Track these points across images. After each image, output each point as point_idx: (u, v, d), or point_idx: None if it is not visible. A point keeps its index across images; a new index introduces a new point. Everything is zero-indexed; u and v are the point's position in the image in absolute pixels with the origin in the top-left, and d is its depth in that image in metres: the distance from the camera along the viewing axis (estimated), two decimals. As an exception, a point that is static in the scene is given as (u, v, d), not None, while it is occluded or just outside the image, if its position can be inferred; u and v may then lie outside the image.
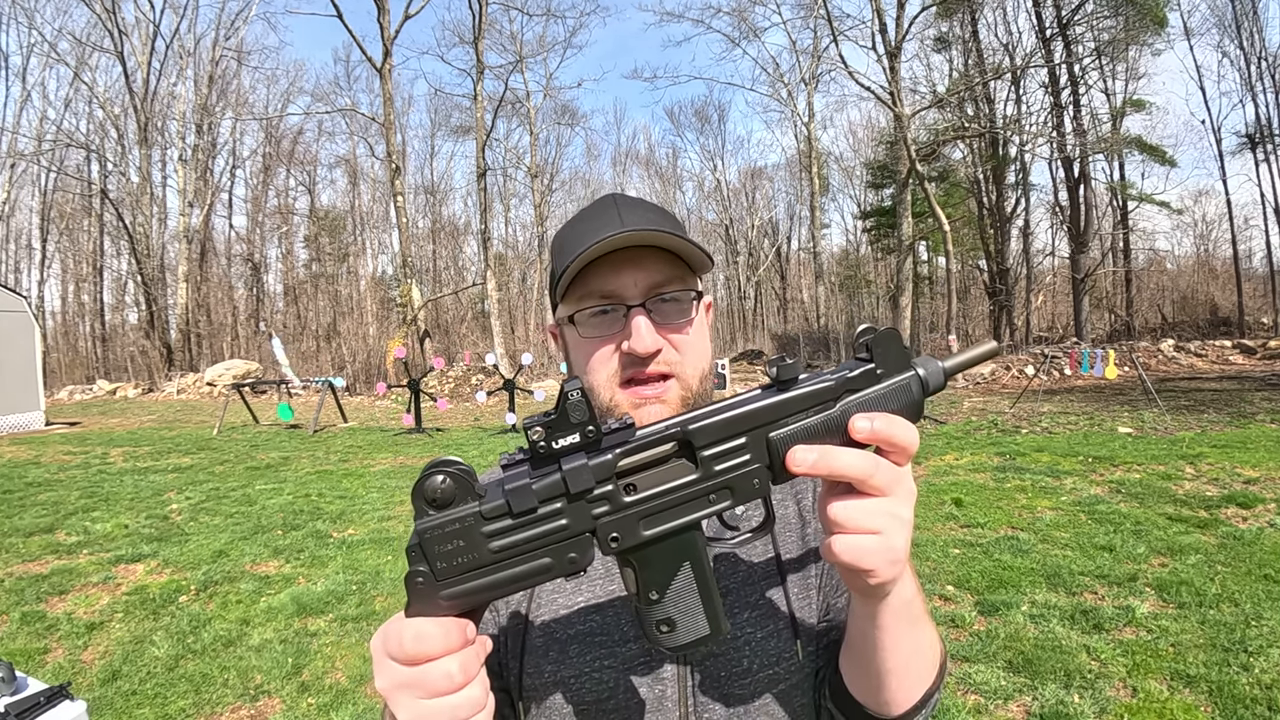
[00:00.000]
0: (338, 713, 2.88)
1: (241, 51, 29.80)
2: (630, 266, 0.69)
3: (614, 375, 0.70)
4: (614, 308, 0.70)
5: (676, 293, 0.70)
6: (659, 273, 0.70)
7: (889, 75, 18.57)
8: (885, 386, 0.49)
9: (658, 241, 0.68)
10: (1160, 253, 27.64)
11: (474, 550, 0.45)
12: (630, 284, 0.69)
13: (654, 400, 0.69)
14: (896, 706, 0.63)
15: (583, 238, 0.69)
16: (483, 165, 21.72)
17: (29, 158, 29.09)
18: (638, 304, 0.69)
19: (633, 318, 0.68)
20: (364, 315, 29.06)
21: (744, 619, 0.70)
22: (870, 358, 0.49)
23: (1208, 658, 2.97)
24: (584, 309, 0.71)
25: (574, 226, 0.74)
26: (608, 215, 0.72)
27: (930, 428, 9.89)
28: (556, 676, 0.70)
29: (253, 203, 33.42)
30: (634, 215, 0.71)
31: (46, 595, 4.24)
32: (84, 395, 22.32)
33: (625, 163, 40.99)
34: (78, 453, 10.11)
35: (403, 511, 6.09)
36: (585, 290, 0.70)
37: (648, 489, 0.48)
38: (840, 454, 0.47)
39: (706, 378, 0.73)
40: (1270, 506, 5.10)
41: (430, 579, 0.45)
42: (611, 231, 0.67)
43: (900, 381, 0.49)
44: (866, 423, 0.47)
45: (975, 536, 4.82)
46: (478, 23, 20.92)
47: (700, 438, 0.48)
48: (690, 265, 0.72)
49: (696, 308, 0.73)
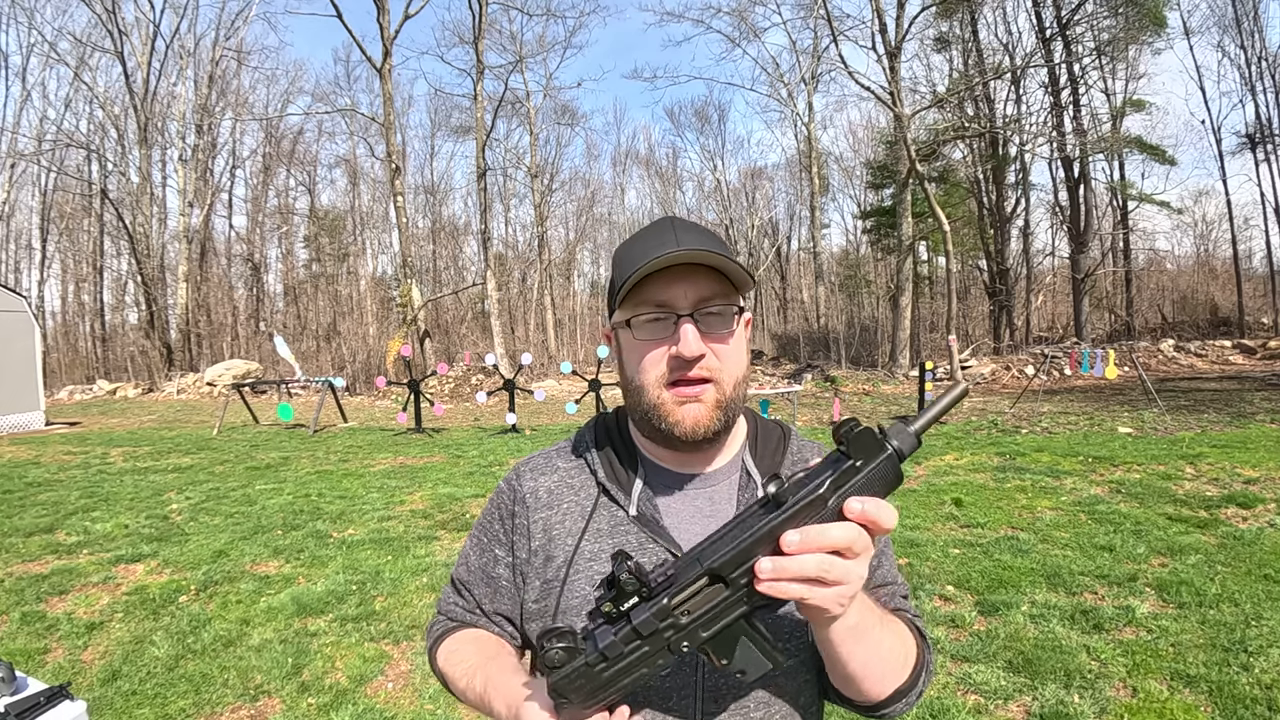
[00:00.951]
0: (338, 713, 2.88)
1: (241, 51, 29.80)
2: (682, 281, 0.78)
3: (662, 376, 0.79)
4: (666, 316, 0.79)
5: (721, 306, 0.79)
6: (707, 288, 0.79)
7: (889, 75, 18.56)
8: (864, 475, 0.60)
9: (707, 260, 0.77)
10: (1160, 253, 27.66)
11: (593, 683, 0.64)
12: (681, 296, 0.78)
13: (693, 400, 0.79)
14: (871, 696, 0.77)
15: (644, 253, 0.78)
16: (483, 165, 21.72)
17: (29, 158, 29.08)
18: (687, 314, 0.78)
19: (682, 325, 0.78)
20: (364, 315, 29.05)
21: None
22: (848, 452, 0.60)
23: (1208, 658, 2.97)
24: (640, 315, 0.80)
25: (634, 243, 0.83)
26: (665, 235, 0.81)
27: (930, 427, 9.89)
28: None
29: (253, 203, 33.42)
30: (688, 236, 0.80)
31: (46, 595, 4.24)
32: (84, 395, 22.32)
33: (625, 163, 40.98)
34: (78, 453, 10.11)
35: (402, 511, 6.09)
36: (641, 299, 0.80)
37: (698, 610, 0.63)
38: (830, 531, 0.59)
39: (741, 384, 0.82)
40: (1270, 506, 5.10)
41: (570, 705, 0.65)
42: (668, 249, 0.76)
43: (877, 466, 0.60)
44: (859, 505, 0.59)
45: (975, 536, 4.82)
46: (478, 23, 20.92)
47: (727, 570, 0.61)
48: (734, 283, 0.81)
49: (737, 321, 0.82)
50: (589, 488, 0.88)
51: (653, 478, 0.87)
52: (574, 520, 0.85)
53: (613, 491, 0.85)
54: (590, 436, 0.92)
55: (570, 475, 0.90)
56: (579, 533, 0.84)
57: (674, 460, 0.87)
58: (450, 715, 2.89)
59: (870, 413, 12.27)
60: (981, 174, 24.66)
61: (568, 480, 0.89)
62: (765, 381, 16.55)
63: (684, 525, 0.83)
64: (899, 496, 5.98)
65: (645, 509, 0.84)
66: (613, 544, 0.82)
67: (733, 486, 0.87)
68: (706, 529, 0.78)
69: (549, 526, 0.86)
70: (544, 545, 0.86)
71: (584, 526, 0.84)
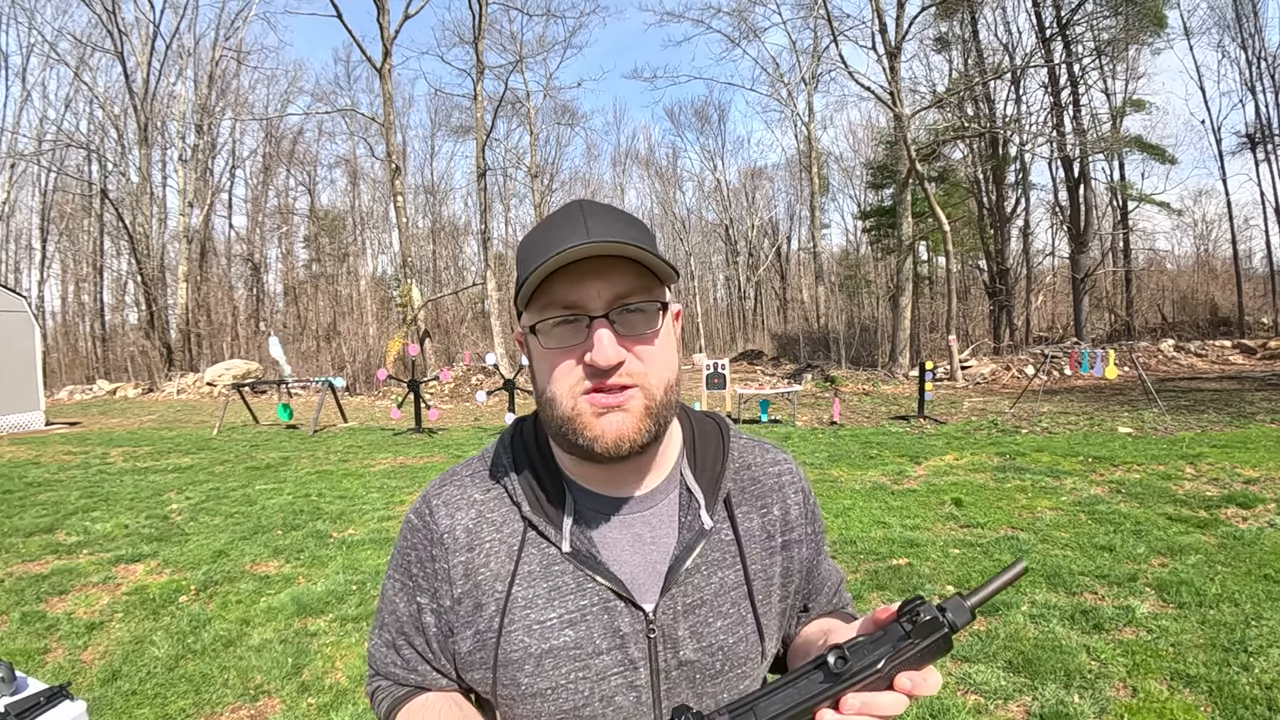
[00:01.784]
0: (338, 713, 2.88)
1: (241, 51, 29.82)
2: (593, 277, 0.68)
3: (576, 385, 0.69)
4: (577, 318, 0.69)
5: (641, 303, 0.69)
6: (623, 284, 0.69)
7: (889, 75, 18.56)
8: (918, 651, 0.60)
9: (622, 252, 0.67)
10: (1160, 253, 27.65)
11: None
12: (594, 294, 0.68)
13: (615, 409, 0.68)
14: None
15: (547, 246, 0.68)
16: (483, 165, 21.72)
17: (29, 158, 29.09)
18: (600, 315, 0.68)
19: (595, 329, 0.68)
20: (364, 315, 29.03)
21: (716, 627, 0.75)
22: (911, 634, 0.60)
23: (1208, 658, 2.97)
24: (546, 319, 0.69)
25: (539, 234, 0.72)
26: (573, 224, 0.70)
27: (930, 428, 9.89)
28: (533, 689, 0.72)
29: (253, 203, 33.44)
30: (600, 225, 0.69)
31: (46, 595, 4.24)
32: (84, 395, 22.32)
33: (625, 163, 41.09)
34: (78, 453, 10.11)
35: (403, 511, 6.09)
36: (548, 300, 0.69)
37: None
38: (881, 699, 0.58)
39: (672, 388, 0.72)
40: (1270, 506, 5.10)
41: None
42: (576, 241, 0.66)
43: (933, 643, 0.61)
44: (909, 683, 0.58)
45: (975, 536, 4.82)
46: (478, 23, 20.92)
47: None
48: (657, 275, 0.71)
49: (663, 318, 0.72)
50: (512, 522, 0.76)
51: (583, 504, 0.76)
52: (499, 562, 0.75)
53: (541, 526, 0.75)
54: (508, 459, 0.80)
55: (489, 508, 0.78)
56: (508, 577, 0.74)
57: (603, 481, 0.77)
58: (450, 715, 2.89)
59: (870, 412, 12.27)
60: (981, 174, 24.67)
61: (486, 515, 0.77)
62: (765, 381, 16.55)
63: (623, 557, 0.75)
64: (899, 497, 5.99)
65: (579, 544, 0.74)
66: (547, 586, 0.73)
67: (672, 506, 0.78)
68: (648, 559, 0.75)
69: (471, 571, 0.75)
70: (469, 591, 0.75)
71: (513, 570, 0.74)
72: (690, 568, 0.75)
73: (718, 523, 0.78)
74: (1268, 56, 22.13)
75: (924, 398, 10.98)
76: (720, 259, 40.23)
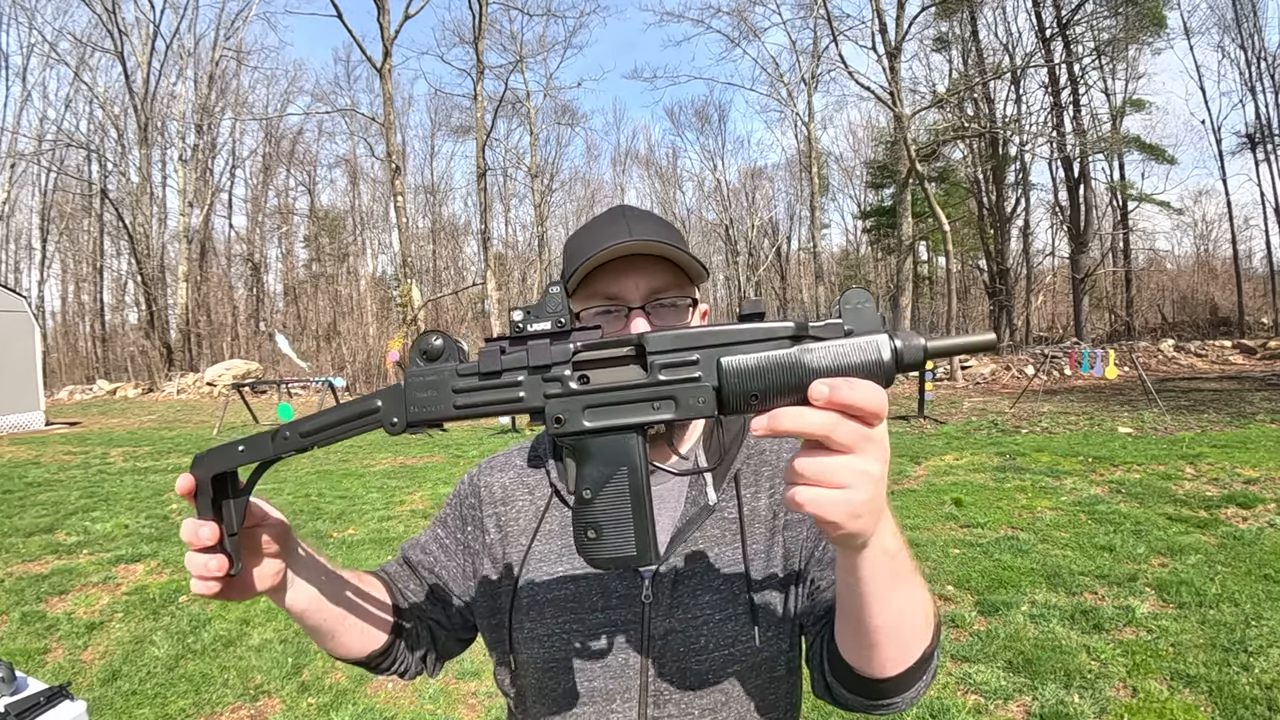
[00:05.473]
0: (338, 713, 2.88)
1: (241, 51, 29.82)
2: (633, 272, 0.76)
3: None
4: (617, 308, 0.77)
5: (674, 298, 0.77)
6: (659, 280, 0.77)
7: (889, 75, 18.55)
8: (849, 342, 0.47)
9: (660, 251, 0.75)
10: (1160, 253, 27.65)
11: (441, 401, 0.53)
12: (633, 288, 0.76)
13: None
14: (893, 665, 0.61)
15: (593, 243, 0.76)
16: (483, 165, 21.72)
17: (29, 158, 29.09)
18: (638, 306, 0.76)
19: (633, 318, 0.75)
20: (364, 315, 29.03)
21: (704, 601, 0.76)
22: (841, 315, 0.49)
23: (1208, 658, 2.97)
24: (589, 308, 0.77)
25: (585, 233, 0.80)
26: (616, 224, 0.78)
27: (930, 427, 9.89)
28: (533, 634, 0.78)
29: (253, 203, 33.43)
30: (640, 226, 0.77)
31: (46, 595, 4.24)
32: (84, 395, 22.32)
33: (625, 163, 40.95)
34: (78, 453, 10.11)
35: (403, 511, 6.09)
36: (591, 291, 0.77)
37: (597, 382, 0.51)
38: (790, 413, 0.45)
39: None
40: (1270, 506, 5.10)
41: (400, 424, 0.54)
42: (619, 240, 0.74)
43: (867, 341, 0.47)
44: (824, 389, 0.45)
45: (975, 536, 4.81)
46: (478, 23, 20.91)
47: (654, 344, 0.50)
48: (689, 275, 0.79)
49: (692, 314, 0.79)
50: (543, 487, 0.86)
51: None
52: (527, 519, 0.84)
53: (563, 491, 0.82)
54: (548, 441, 0.89)
55: (526, 474, 0.88)
56: (531, 532, 0.82)
57: None
58: (450, 715, 2.89)
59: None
60: (981, 174, 24.66)
61: (522, 478, 0.88)
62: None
63: None
64: (899, 497, 5.98)
65: None
66: (561, 544, 0.80)
67: (683, 481, 0.83)
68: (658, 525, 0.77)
69: (503, 523, 0.85)
70: (498, 540, 0.84)
71: (536, 527, 0.82)
72: (689, 541, 0.78)
73: (724, 500, 0.81)
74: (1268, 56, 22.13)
75: (924, 397, 10.97)
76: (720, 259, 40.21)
